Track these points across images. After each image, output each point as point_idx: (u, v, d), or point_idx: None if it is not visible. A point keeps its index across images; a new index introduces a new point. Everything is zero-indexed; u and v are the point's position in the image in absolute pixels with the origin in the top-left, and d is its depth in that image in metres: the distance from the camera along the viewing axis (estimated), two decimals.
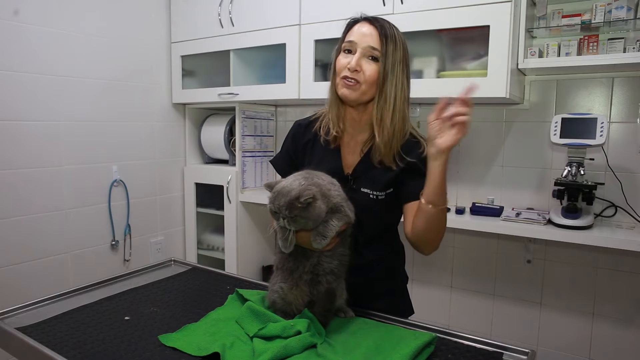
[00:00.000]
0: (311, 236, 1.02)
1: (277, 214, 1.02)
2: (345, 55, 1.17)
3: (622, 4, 1.74)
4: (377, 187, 1.20)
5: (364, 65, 1.15)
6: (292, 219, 1.00)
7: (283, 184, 1.03)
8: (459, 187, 2.30)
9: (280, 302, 1.10)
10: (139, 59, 2.54)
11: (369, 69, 1.15)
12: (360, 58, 1.15)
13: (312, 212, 1.00)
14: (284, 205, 0.99)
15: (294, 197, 0.99)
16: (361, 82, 1.15)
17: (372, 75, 1.15)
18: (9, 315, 1.20)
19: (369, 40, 1.15)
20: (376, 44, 1.15)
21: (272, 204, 1.02)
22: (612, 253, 1.97)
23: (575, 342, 2.10)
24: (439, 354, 1.01)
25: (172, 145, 2.76)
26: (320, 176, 1.08)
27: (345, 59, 1.16)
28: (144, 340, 1.05)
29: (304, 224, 1.01)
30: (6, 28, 1.96)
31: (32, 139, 2.08)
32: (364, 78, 1.15)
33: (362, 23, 1.19)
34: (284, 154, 1.36)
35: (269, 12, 2.30)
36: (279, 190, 1.02)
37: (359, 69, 1.14)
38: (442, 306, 2.41)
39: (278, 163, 1.37)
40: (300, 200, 0.98)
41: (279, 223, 1.03)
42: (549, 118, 2.02)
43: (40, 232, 2.12)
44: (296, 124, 1.35)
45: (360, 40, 1.15)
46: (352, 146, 1.26)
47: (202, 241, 2.89)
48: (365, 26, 1.17)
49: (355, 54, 1.15)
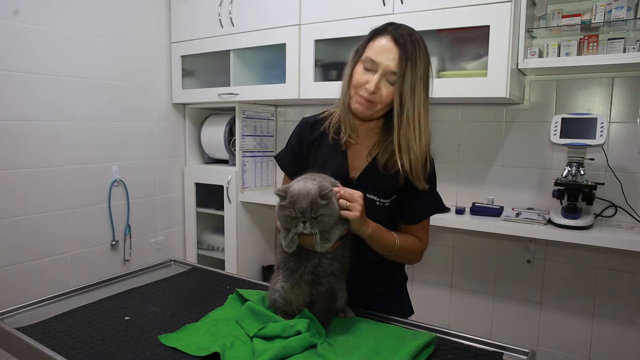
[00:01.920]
0: (314, 239, 1.01)
1: (298, 219, 0.99)
2: (365, 72, 1.14)
3: (622, 4, 1.74)
4: (383, 195, 1.20)
5: (382, 88, 1.13)
6: (316, 220, 0.98)
7: (298, 188, 1.00)
8: (459, 187, 2.30)
9: (281, 301, 1.10)
10: (139, 59, 2.54)
11: (387, 92, 1.13)
12: (380, 81, 1.12)
13: (332, 208, 1.00)
14: (308, 206, 0.97)
15: (315, 195, 0.97)
16: (377, 102, 1.14)
17: (388, 97, 1.13)
18: (9, 315, 1.20)
19: (390, 64, 1.10)
20: (396, 67, 1.10)
21: (292, 209, 0.98)
22: (612, 253, 1.97)
23: (575, 342, 2.10)
24: (439, 354, 1.01)
25: (172, 145, 2.76)
26: (325, 178, 1.08)
27: (365, 75, 1.13)
28: (144, 340, 1.05)
29: (326, 223, 1.00)
30: (6, 28, 1.96)
31: (32, 139, 2.08)
32: (381, 99, 1.13)
33: (387, 38, 1.12)
34: (288, 150, 1.34)
35: (269, 12, 2.30)
36: (297, 193, 0.98)
37: (377, 91, 1.12)
38: (442, 306, 2.41)
39: (282, 158, 1.36)
40: (322, 195, 0.98)
41: (298, 230, 0.99)
42: (549, 118, 2.02)
43: (40, 232, 2.12)
44: (303, 121, 1.34)
45: (381, 61, 1.11)
46: (359, 150, 1.24)
47: (202, 241, 2.89)
48: (389, 44, 1.11)
49: (375, 75, 1.12)
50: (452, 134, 2.30)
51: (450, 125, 2.30)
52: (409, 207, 1.22)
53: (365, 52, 1.14)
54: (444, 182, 2.32)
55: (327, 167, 1.21)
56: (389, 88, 1.12)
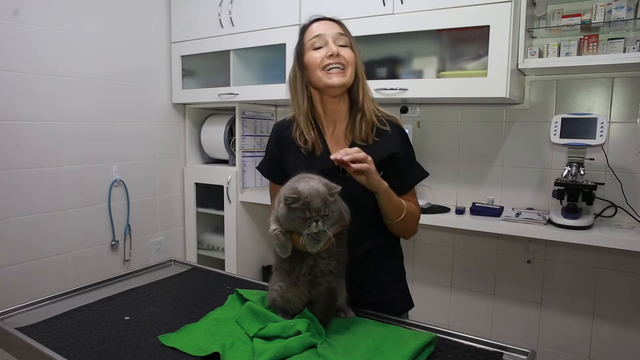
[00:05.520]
0: (305, 240, 1.01)
1: (311, 219, 0.98)
2: (318, 50, 1.20)
3: (622, 4, 1.74)
4: None
5: (341, 50, 1.19)
6: (328, 217, 0.99)
7: (306, 189, 0.99)
8: (459, 187, 2.30)
9: (280, 300, 1.10)
10: (139, 59, 2.54)
11: (347, 53, 1.20)
12: (335, 44, 1.19)
13: (339, 203, 1.02)
14: (321, 205, 0.98)
15: (325, 193, 0.98)
16: (346, 65, 1.19)
17: (351, 57, 1.20)
18: (9, 315, 1.20)
19: (334, 29, 1.20)
20: (340, 30, 1.21)
21: (307, 210, 0.97)
22: (612, 253, 1.97)
23: (575, 342, 2.10)
24: (439, 354, 1.01)
25: (172, 145, 2.76)
26: (314, 178, 1.07)
27: (320, 52, 1.19)
28: (144, 340, 1.05)
29: (334, 219, 1.01)
30: (6, 28, 1.96)
31: (32, 139, 2.08)
32: (346, 61, 1.19)
33: (316, 22, 1.24)
34: (269, 158, 1.37)
35: (269, 12, 2.30)
36: (309, 193, 0.98)
37: (340, 53, 1.18)
38: (442, 306, 2.41)
39: (264, 168, 1.38)
40: (331, 193, 0.99)
41: (312, 229, 0.99)
42: (549, 118, 2.02)
43: (40, 232, 2.12)
44: (276, 125, 1.38)
45: (325, 31, 1.20)
46: (337, 137, 1.28)
47: (202, 241, 2.89)
48: (320, 22, 1.23)
49: (328, 43, 1.19)
50: (452, 134, 2.30)
51: (450, 125, 2.30)
52: (397, 180, 1.25)
53: (306, 42, 1.22)
54: (444, 182, 2.32)
55: (312, 161, 1.22)
56: (345, 50, 1.20)
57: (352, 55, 1.20)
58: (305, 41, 1.23)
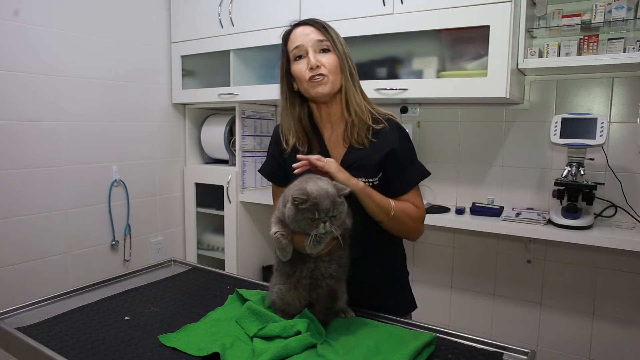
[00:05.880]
0: (306, 242, 1.00)
1: (319, 220, 0.98)
2: (298, 62, 1.21)
3: (622, 4, 1.74)
4: (370, 174, 1.22)
5: (322, 59, 1.19)
6: (336, 218, 0.99)
7: (315, 189, 0.98)
8: (459, 187, 2.30)
9: (280, 302, 1.10)
10: (139, 59, 2.54)
11: (327, 59, 1.19)
12: (315, 55, 1.19)
13: (344, 205, 1.02)
14: (330, 206, 0.97)
15: (334, 194, 0.99)
16: (326, 74, 1.19)
17: (332, 63, 1.20)
18: (9, 315, 1.20)
19: (313, 36, 1.20)
20: (320, 36, 1.20)
21: (316, 211, 0.97)
22: (612, 253, 1.97)
23: (575, 342, 2.10)
24: (439, 354, 1.01)
25: (172, 145, 2.76)
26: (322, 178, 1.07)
27: (301, 63, 1.20)
28: (144, 340, 1.05)
29: (343, 219, 1.02)
30: (6, 28, 1.96)
31: (32, 139, 2.08)
32: (327, 70, 1.19)
33: (295, 30, 1.23)
34: (270, 160, 1.36)
35: (269, 12, 2.30)
36: (317, 194, 0.97)
37: (319, 64, 1.18)
38: (442, 306, 2.41)
39: (267, 170, 1.38)
40: (340, 194, 1.00)
41: (319, 230, 0.98)
42: (549, 118, 2.02)
43: (40, 232, 2.12)
44: (277, 127, 1.36)
45: (305, 41, 1.20)
46: (334, 140, 1.28)
47: (202, 241, 2.89)
48: (300, 29, 1.23)
49: (308, 53, 1.19)
50: (452, 134, 2.30)
51: (450, 125, 2.30)
52: (396, 180, 1.24)
53: (289, 52, 1.23)
54: (444, 182, 2.32)
55: None
56: (327, 56, 1.20)
57: (334, 60, 1.19)
58: (289, 51, 1.23)
